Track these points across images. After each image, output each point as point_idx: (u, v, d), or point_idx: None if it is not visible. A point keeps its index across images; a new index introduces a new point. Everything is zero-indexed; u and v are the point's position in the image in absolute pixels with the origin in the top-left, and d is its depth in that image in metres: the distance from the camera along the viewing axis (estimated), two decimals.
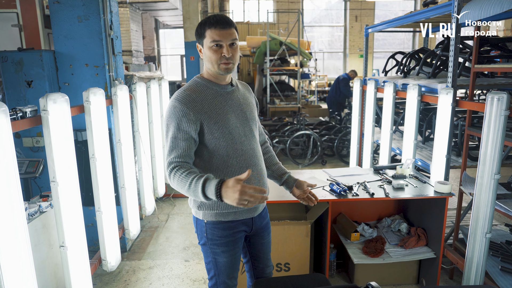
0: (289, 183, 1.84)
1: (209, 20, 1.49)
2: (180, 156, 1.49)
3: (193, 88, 1.56)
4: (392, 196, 2.36)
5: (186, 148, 1.49)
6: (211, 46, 1.49)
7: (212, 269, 1.68)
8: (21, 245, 1.61)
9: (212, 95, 1.56)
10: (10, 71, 2.88)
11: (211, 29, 1.47)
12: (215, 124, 1.53)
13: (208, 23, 1.49)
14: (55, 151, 1.90)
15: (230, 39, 1.49)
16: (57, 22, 2.94)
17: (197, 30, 1.53)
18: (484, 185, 2.10)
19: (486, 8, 2.16)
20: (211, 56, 1.50)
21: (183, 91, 1.55)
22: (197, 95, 1.53)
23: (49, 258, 2.17)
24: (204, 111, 1.52)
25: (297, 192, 1.83)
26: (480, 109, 2.26)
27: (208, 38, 1.49)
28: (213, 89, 1.58)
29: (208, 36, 1.48)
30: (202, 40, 1.52)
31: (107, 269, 2.66)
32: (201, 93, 1.55)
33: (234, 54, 1.52)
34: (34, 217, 2.06)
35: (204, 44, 1.51)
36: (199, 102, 1.52)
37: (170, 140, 1.51)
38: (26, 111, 1.77)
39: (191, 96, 1.52)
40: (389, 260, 2.52)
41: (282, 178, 1.86)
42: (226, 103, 1.58)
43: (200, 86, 1.57)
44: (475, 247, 2.20)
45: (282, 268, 2.53)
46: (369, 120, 4.00)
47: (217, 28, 1.47)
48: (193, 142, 1.52)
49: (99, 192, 2.48)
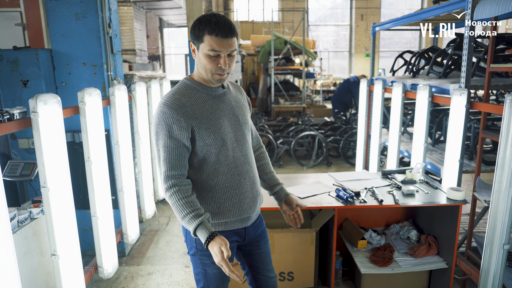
0: (280, 196, 1.75)
1: (209, 24, 1.33)
2: (174, 167, 1.40)
3: (182, 92, 1.44)
4: (402, 203, 2.24)
5: (179, 157, 1.40)
6: (208, 54, 1.36)
7: (201, 280, 1.58)
8: (5, 256, 1.51)
9: (202, 99, 1.45)
10: (5, 71, 2.79)
11: (211, 36, 1.33)
12: (207, 130, 1.42)
13: (208, 27, 1.33)
14: (46, 155, 1.80)
15: (230, 50, 1.37)
16: (54, 19, 2.85)
17: (194, 30, 1.37)
18: (502, 192, 1.97)
19: (504, 4, 2.02)
20: (207, 64, 1.38)
21: (171, 95, 1.43)
22: (187, 99, 1.42)
23: (40, 267, 2.07)
24: (195, 116, 1.41)
25: (285, 208, 1.76)
26: (497, 111, 2.12)
27: (206, 45, 1.35)
28: (203, 92, 1.46)
29: (207, 43, 1.35)
30: (198, 43, 1.38)
31: (103, 276, 2.56)
32: (191, 97, 1.44)
33: (231, 64, 1.41)
34: (24, 224, 1.96)
35: (201, 48, 1.37)
36: (189, 107, 1.41)
37: (162, 149, 1.41)
38: (14, 113, 1.67)
39: (180, 100, 1.41)
40: (398, 270, 2.39)
41: (273, 189, 1.76)
42: (218, 107, 1.47)
43: (190, 89, 1.46)
44: (492, 259, 2.07)
45: (285, 278, 2.41)
46: (376, 121, 3.86)
47: (218, 37, 1.33)
48: (186, 150, 1.42)
49: (94, 196, 2.39)
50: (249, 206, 1.56)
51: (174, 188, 1.40)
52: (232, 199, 1.51)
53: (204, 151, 1.44)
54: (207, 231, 1.36)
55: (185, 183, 1.43)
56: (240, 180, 1.52)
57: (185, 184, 1.43)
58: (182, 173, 1.42)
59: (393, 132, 3.40)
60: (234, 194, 1.51)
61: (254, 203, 1.58)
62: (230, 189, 1.50)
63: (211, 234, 1.36)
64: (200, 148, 1.44)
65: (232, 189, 1.51)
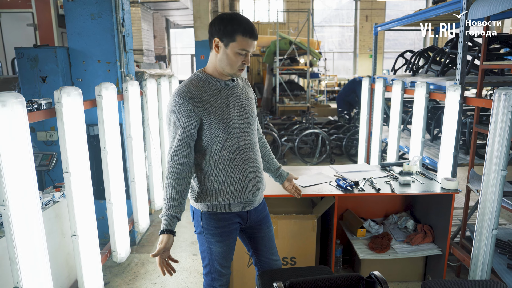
0: (283, 174, 2.02)
1: (243, 26, 1.51)
2: (181, 152, 1.56)
3: (194, 83, 1.58)
4: (398, 192, 2.37)
5: (186, 143, 1.56)
6: (239, 52, 1.53)
7: (206, 257, 1.73)
8: (35, 232, 1.68)
9: (213, 90, 1.59)
10: (26, 67, 2.97)
11: (244, 37, 1.51)
12: (215, 119, 1.56)
13: (241, 29, 1.50)
14: (68, 143, 1.97)
15: (253, 49, 1.59)
16: (71, 19, 3.02)
17: (224, 28, 1.51)
18: (490, 182, 2.10)
19: (495, 5, 2.16)
20: (234, 60, 1.55)
21: (184, 85, 1.58)
22: (197, 90, 1.56)
23: (61, 247, 2.24)
24: (205, 106, 1.55)
25: (287, 184, 2.05)
26: (487, 105, 2.25)
27: (237, 44, 1.52)
28: (214, 84, 1.61)
29: (239, 43, 1.52)
30: (228, 41, 1.53)
31: (116, 260, 2.72)
32: (202, 88, 1.58)
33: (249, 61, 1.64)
34: (47, 206, 2.12)
35: (231, 46, 1.53)
36: (200, 97, 1.55)
37: (171, 134, 1.57)
38: (41, 103, 1.83)
39: (192, 91, 1.55)
40: (395, 256, 2.53)
41: (278, 171, 2.01)
42: (227, 98, 1.62)
43: (201, 81, 1.60)
44: (481, 244, 2.20)
45: (288, 262, 2.56)
46: (377, 118, 4.00)
47: (250, 38, 1.53)
48: (191, 137, 1.57)
49: (109, 184, 2.55)
50: (251, 191, 1.69)
51: (172, 175, 1.57)
52: (236, 184, 1.65)
53: (212, 138, 1.59)
54: (170, 226, 1.55)
55: (185, 171, 1.58)
56: (244, 166, 1.66)
57: (186, 172, 1.58)
58: (186, 159, 1.57)
59: (393, 127, 3.53)
60: (238, 179, 1.65)
61: (256, 188, 1.72)
62: (235, 174, 1.64)
63: (169, 230, 1.54)
64: (208, 136, 1.58)
65: (236, 174, 1.65)
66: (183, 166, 1.57)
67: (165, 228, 1.54)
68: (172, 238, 1.54)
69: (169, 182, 1.57)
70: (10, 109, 1.52)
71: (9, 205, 1.51)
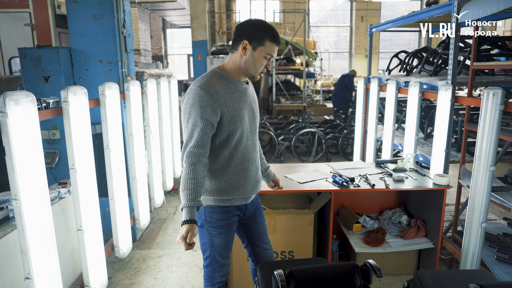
0: (270, 174, 2.17)
1: (271, 32, 1.61)
2: (200, 146, 1.60)
3: (216, 79, 1.64)
4: (392, 188, 2.47)
5: (206, 137, 1.60)
6: (265, 56, 1.64)
7: (208, 249, 1.82)
8: (45, 225, 1.75)
9: (231, 90, 1.66)
10: (29, 67, 3.03)
11: (272, 43, 1.62)
12: (233, 118, 1.64)
13: (270, 35, 1.61)
14: (75, 140, 2.03)
15: (275, 55, 1.70)
16: (73, 20, 3.08)
17: (255, 32, 1.60)
18: (480, 177, 2.20)
19: (484, 8, 2.26)
20: (260, 63, 1.65)
21: (207, 80, 1.62)
22: (220, 87, 1.62)
23: (67, 242, 2.30)
24: (225, 104, 1.62)
25: (272, 184, 2.21)
26: (477, 104, 2.35)
27: (266, 48, 1.62)
28: (233, 83, 1.68)
29: (267, 47, 1.62)
30: (257, 45, 1.61)
31: (119, 255, 2.79)
32: (223, 86, 1.64)
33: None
34: (53, 202, 2.19)
35: (259, 50, 1.62)
36: (222, 94, 1.61)
37: (191, 127, 1.60)
38: (49, 102, 1.90)
39: (215, 87, 1.61)
40: (389, 250, 2.62)
41: (266, 171, 2.14)
42: (241, 99, 1.69)
43: (222, 79, 1.66)
44: (471, 237, 2.30)
45: (286, 256, 2.64)
46: (372, 117, 4.09)
47: (276, 45, 1.65)
48: (211, 131, 1.62)
49: (112, 181, 2.62)
50: (252, 188, 1.81)
51: (193, 166, 1.60)
52: (239, 181, 1.76)
53: (226, 136, 1.66)
54: (191, 215, 1.59)
55: (202, 164, 1.63)
56: (248, 165, 1.77)
57: (203, 165, 1.63)
58: (205, 151, 1.62)
59: (388, 125, 3.63)
60: (242, 177, 1.76)
61: (256, 185, 1.85)
62: (240, 172, 1.75)
63: (191, 220, 1.58)
64: (223, 134, 1.65)
65: (241, 172, 1.75)
66: (202, 158, 1.62)
67: (189, 218, 1.58)
68: (195, 226, 1.59)
69: (188, 173, 1.60)
70: (22, 107, 1.58)
71: (21, 199, 1.58)
